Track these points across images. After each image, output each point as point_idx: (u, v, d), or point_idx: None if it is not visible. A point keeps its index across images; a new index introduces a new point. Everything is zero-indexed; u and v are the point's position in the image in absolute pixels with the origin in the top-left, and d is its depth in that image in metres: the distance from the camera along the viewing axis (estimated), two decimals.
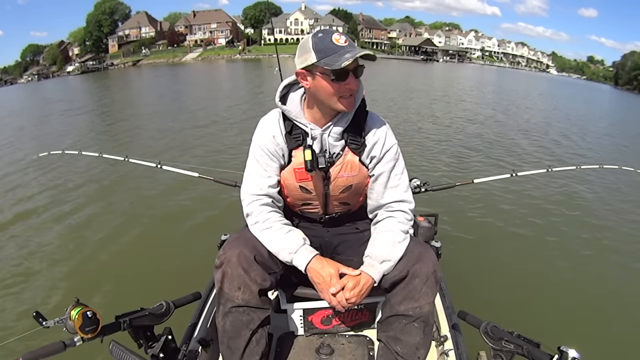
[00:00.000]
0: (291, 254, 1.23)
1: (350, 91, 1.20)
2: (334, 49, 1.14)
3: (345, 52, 1.13)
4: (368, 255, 1.28)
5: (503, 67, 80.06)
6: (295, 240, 1.25)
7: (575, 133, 11.20)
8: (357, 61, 1.17)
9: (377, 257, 1.25)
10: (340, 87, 1.18)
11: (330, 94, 1.20)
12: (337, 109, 1.24)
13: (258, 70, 35.45)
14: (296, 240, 1.25)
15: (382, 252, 1.26)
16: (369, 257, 1.27)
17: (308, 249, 1.25)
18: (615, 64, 79.08)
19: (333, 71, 1.14)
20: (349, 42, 1.17)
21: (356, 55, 1.12)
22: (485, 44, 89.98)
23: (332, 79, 1.16)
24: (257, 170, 1.33)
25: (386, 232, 1.30)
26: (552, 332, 2.51)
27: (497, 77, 43.15)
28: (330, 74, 1.15)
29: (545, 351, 1.08)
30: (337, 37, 1.16)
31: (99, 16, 67.71)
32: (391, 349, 1.26)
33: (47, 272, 3.53)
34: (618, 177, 6.30)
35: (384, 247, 1.27)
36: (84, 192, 5.57)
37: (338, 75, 1.15)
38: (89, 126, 11.72)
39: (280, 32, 67.53)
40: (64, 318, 1.04)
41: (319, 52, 1.15)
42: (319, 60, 1.15)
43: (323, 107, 1.26)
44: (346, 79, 1.17)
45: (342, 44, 1.15)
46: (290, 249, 1.23)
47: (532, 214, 4.80)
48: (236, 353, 1.23)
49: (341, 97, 1.21)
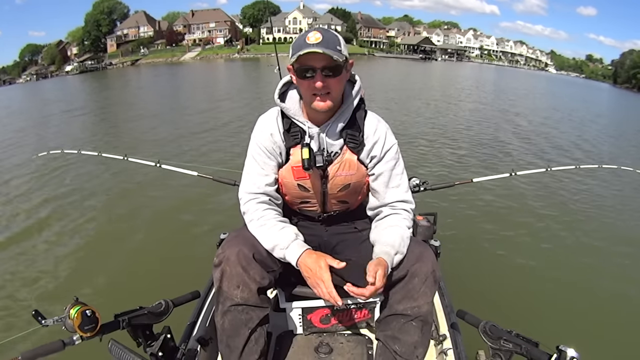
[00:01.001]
0: (283, 250, 1.21)
1: (317, 90, 1.18)
2: (300, 45, 1.14)
3: (305, 49, 1.12)
4: (383, 244, 1.24)
5: (502, 66, 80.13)
6: (288, 235, 1.23)
7: (574, 132, 11.21)
8: (329, 59, 1.13)
9: (392, 246, 1.22)
10: (308, 85, 1.18)
11: (303, 91, 1.22)
12: (312, 107, 1.23)
13: (257, 69, 35.42)
14: (288, 235, 1.23)
15: (395, 244, 1.23)
16: (383, 245, 1.23)
17: (299, 243, 1.23)
18: (614, 63, 79.35)
19: (295, 68, 1.18)
20: (324, 39, 1.13)
21: (300, 53, 1.12)
22: (484, 42, 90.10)
23: (297, 76, 1.19)
24: (255, 169, 1.33)
25: (394, 227, 1.29)
26: (551, 332, 2.51)
27: (496, 75, 43.15)
28: (294, 70, 1.19)
29: (544, 350, 1.08)
30: (311, 34, 1.14)
31: (98, 16, 67.53)
32: (390, 348, 1.26)
33: (47, 271, 3.52)
34: (617, 177, 6.31)
35: (395, 239, 1.24)
36: (83, 191, 5.56)
37: (298, 72, 1.18)
38: (88, 126, 11.71)
39: (278, 31, 67.23)
40: (63, 317, 1.05)
41: (292, 49, 1.17)
42: (290, 57, 1.17)
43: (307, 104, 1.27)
44: (313, 77, 1.16)
45: (311, 42, 1.13)
46: (282, 244, 1.22)
47: (531, 213, 4.81)
48: (235, 352, 1.23)
49: (313, 95, 1.20)
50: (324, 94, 1.19)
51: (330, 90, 1.20)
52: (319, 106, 1.21)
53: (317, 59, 1.13)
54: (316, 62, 1.14)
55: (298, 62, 1.15)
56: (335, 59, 1.13)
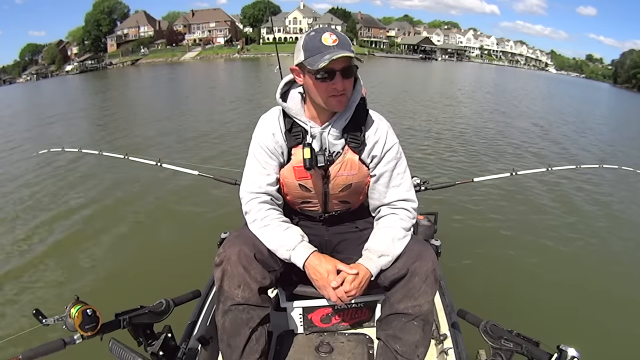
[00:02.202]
0: (289, 251, 1.22)
1: (336, 91, 1.19)
2: (319, 48, 1.14)
3: (329, 53, 1.12)
4: (367, 249, 1.29)
5: (502, 66, 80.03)
6: (294, 237, 1.25)
7: (574, 132, 11.21)
8: (347, 61, 1.15)
9: (375, 250, 1.26)
10: (327, 87, 1.18)
11: (318, 92, 1.21)
12: (327, 108, 1.24)
13: (257, 69, 35.43)
14: (294, 237, 1.25)
15: (381, 246, 1.26)
16: (367, 250, 1.28)
17: (306, 245, 1.25)
18: (614, 62, 79.28)
19: (316, 71, 1.15)
20: (340, 41, 1.14)
21: (332, 58, 1.10)
22: (484, 42, 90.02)
23: (316, 78, 1.17)
24: (256, 169, 1.33)
25: (387, 228, 1.31)
26: (552, 331, 2.51)
27: (496, 75, 43.13)
28: (314, 73, 1.16)
29: (544, 350, 1.08)
30: (327, 36, 1.14)
31: (98, 15, 67.54)
32: (390, 347, 1.26)
33: (47, 270, 3.53)
34: (618, 177, 6.31)
35: (383, 241, 1.27)
36: (84, 190, 5.56)
37: (321, 75, 1.16)
38: (88, 125, 11.72)
39: (279, 31, 67.22)
40: (64, 316, 1.05)
41: (307, 52, 1.16)
42: (306, 60, 1.16)
43: (316, 104, 1.26)
44: (333, 79, 1.16)
45: (329, 44, 1.13)
46: (288, 245, 1.23)
47: (532, 212, 4.81)
48: (236, 351, 1.23)
49: (329, 96, 1.20)
50: (341, 94, 1.20)
51: (346, 92, 1.21)
52: (338, 107, 1.23)
53: (338, 61, 1.13)
54: (337, 64, 1.14)
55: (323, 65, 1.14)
56: (357, 61, 1.16)
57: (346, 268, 1.21)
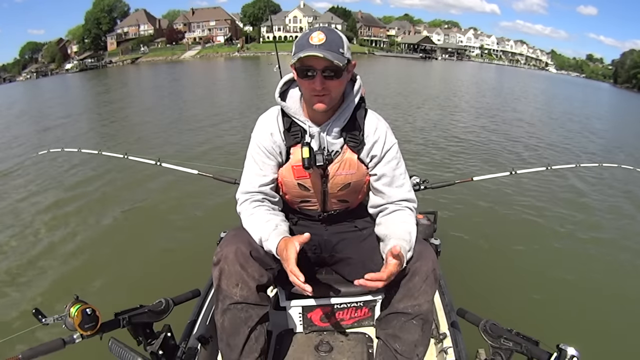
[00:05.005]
0: (266, 242, 1.21)
1: (314, 91, 1.18)
2: (303, 45, 1.14)
3: (306, 51, 1.12)
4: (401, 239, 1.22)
5: (502, 65, 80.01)
6: (269, 226, 1.23)
7: (575, 131, 11.20)
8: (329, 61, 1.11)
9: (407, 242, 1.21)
10: (308, 85, 1.18)
11: (304, 90, 1.22)
12: (311, 107, 1.23)
13: (257, 68, 35.38)
14: (270, 226, 1.23)
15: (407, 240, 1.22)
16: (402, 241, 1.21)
17: (278, 232, 1.21)
18: (615, 62, 79.27)
19: (295, 68, 1.17)
20: (326, 42, 1.12)
21: (300, 55, 1.12)
22: (484, 41, 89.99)
23: (298, 75, 1.19)
24: (253, 169, 1.34)
25: (406, 224, 1.29)
26: (551, 330, 2.52)
27: (497, 75, 43.11)
28: (295, 70, 1.18)
29: (544, 349, 1.08)
30: (314, 35, 1.13)
31: (98, 14, 67.52)
32: (390, 346, 1.26)
33: (47, 269, 3.52)
34: (617, 176, 6.31)
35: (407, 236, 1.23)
36: (83, 189, 5.55)
37: (299, 72, 1.17)
38: (88, 124, 11.68)
39: (279, 29, 67.15)
40: (64, 315, 1.05)
41: (295, 48, 1.17)
42: (292, 56, 1.17)
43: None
44: (313, 78, 1.16)
45: (313, 43, 1.12)
46: (265, 236, 1.21)
47: (532, 211, 4.81)
48: (235, 350, 1.23)
49: (311, 95, 1.20)
50: (323, 94, 1.19)
51: (330, 92, 1.19)
52: (318, 107, 1.22)
53: (318, 60, 1.13)
54: (317, 64, 1.13)
55: (299, 62, 1.15)
56: (336, 63, 1.12)
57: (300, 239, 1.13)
